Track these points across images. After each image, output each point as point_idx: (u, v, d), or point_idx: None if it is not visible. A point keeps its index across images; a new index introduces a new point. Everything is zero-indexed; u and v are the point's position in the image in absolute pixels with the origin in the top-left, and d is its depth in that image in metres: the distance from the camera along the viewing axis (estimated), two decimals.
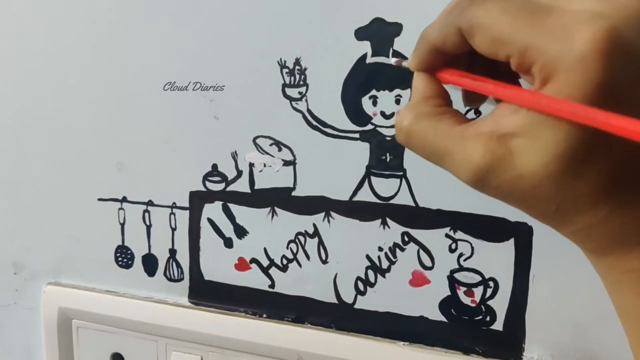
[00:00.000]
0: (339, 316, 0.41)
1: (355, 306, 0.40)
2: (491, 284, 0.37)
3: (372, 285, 0.40)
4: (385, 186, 0.38)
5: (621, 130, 0.19)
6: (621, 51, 0.21)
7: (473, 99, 0.30)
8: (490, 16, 0.23)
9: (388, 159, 0.38)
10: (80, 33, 0.42)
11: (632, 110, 0.20)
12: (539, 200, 0.23)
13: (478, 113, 0.35)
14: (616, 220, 0.23)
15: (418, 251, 0.38)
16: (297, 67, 0.38)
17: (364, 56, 0.37)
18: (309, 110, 0.38)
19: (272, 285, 0.42)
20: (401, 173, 0.38)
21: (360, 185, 0.39)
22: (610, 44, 0.20)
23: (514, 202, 0.24)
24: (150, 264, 0.44)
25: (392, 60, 0.36)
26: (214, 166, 0.41)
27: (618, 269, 0.24)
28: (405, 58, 0.35)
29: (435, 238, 0.38)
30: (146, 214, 0.44)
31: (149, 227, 0.44)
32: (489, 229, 0.37)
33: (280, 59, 0.38)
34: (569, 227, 0.24)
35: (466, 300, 0.38)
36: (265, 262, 0.42)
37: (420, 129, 0.26)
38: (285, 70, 0.38)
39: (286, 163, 0.40)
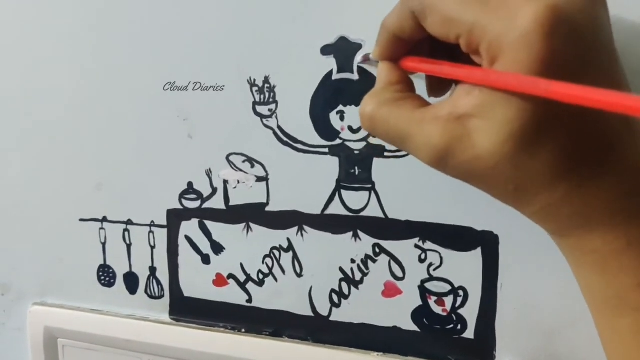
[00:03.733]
0: (315, 329, 0.41)
1: (331, 318, 0.41)
2: (461, 292, 0.38)
3: (346, 297, 0.40)
4: (355, 199, 0.39)
5: (563, 96, 0.20)
6: (563, 28, 0.21)
7: (436, 89, 0.30)
8: None
9: (357, 172, 0.39)
10: (65, 69, 0.43)
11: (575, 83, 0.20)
12: (497, 179, 0.23)
13: None
14: (575, 199, 0.23)
15: (389, 262, 0.39)
16: (266, 85, 0.39)
17: (330, 73, 0.37)
18: (279, 127, 0.39)
19: (250, 300, 0.42)
20: (370, 186, 0.38)
21: (331, 199, 0.39)
22: (552, 20, 0.21)
23: (474, 182, 0.24)
24: (131, 282, 0.45)
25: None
26: (190, 184, 0.42)
27: (580, 250, 0.24)
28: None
29: (405, 249, 0.38)
30: (126, 233, 0.44)
31: (129, 246, 0.45)
32: (457, 238, 0.37)
33: (250, 78, 0.39)
34: (529, 207, 0.24)
35: (437, 309, 0.38)
36: (242, 278, 0.42)
37: (383, 115, 0.26)
38: (255, 89, 0.39)
39: (259, 179, 0.41)
